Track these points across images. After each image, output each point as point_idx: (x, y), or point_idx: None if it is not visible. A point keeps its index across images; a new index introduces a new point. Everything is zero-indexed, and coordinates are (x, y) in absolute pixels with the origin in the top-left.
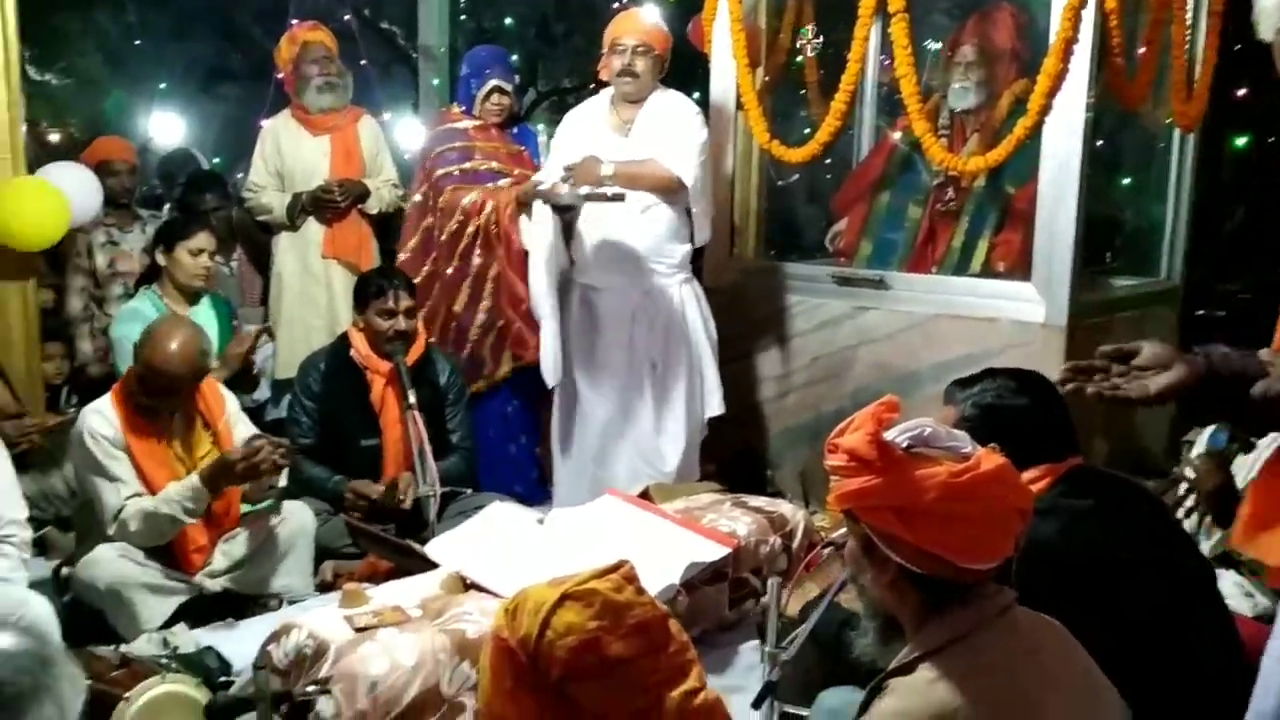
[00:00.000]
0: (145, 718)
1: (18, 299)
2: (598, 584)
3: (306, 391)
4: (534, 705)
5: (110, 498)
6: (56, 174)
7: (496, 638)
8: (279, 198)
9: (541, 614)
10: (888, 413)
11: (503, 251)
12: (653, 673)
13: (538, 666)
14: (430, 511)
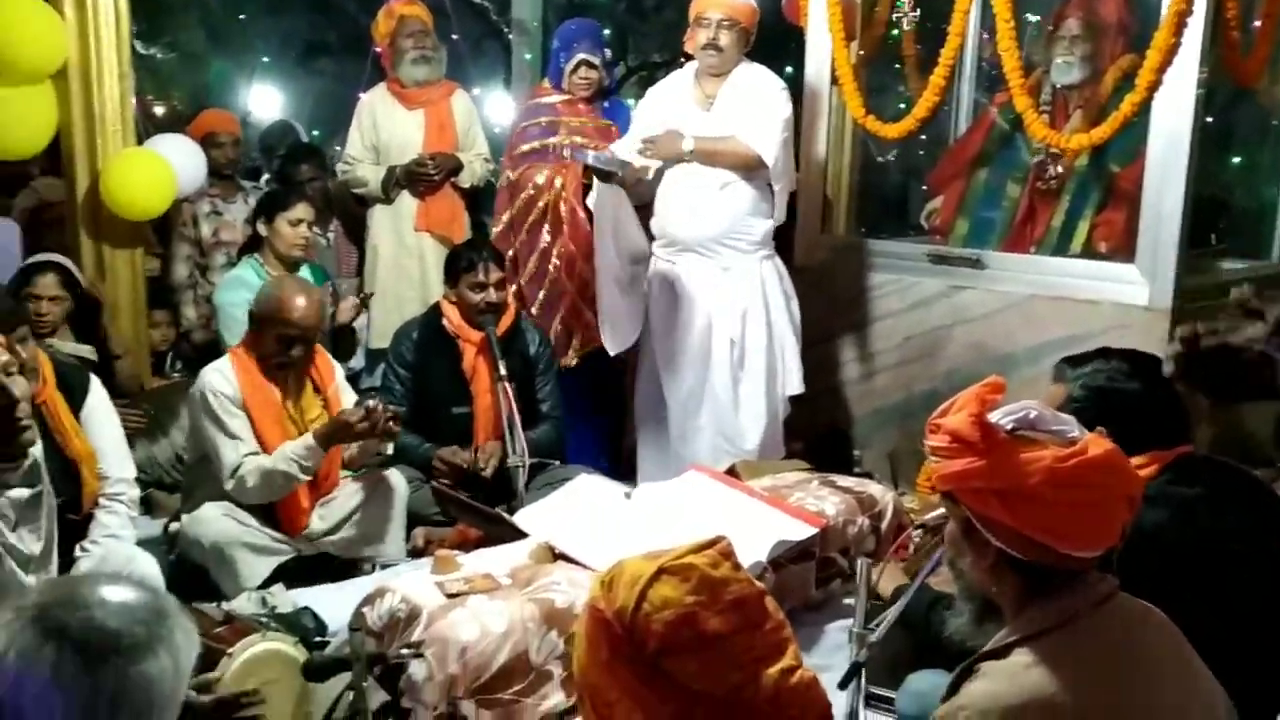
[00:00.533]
0: (246, 672)
1: (126, 267)
2: (694, 559)
3: (400, 360)
4: (630, 677)
5: (228, 454)
6: (163, 145)
7: (593, 608)
8: (374, 171)
9: (638, 587)
10: (992, 394)
11: (569, 231)
12: (749, 649)
13: (634, 639)
14: (519, 481)
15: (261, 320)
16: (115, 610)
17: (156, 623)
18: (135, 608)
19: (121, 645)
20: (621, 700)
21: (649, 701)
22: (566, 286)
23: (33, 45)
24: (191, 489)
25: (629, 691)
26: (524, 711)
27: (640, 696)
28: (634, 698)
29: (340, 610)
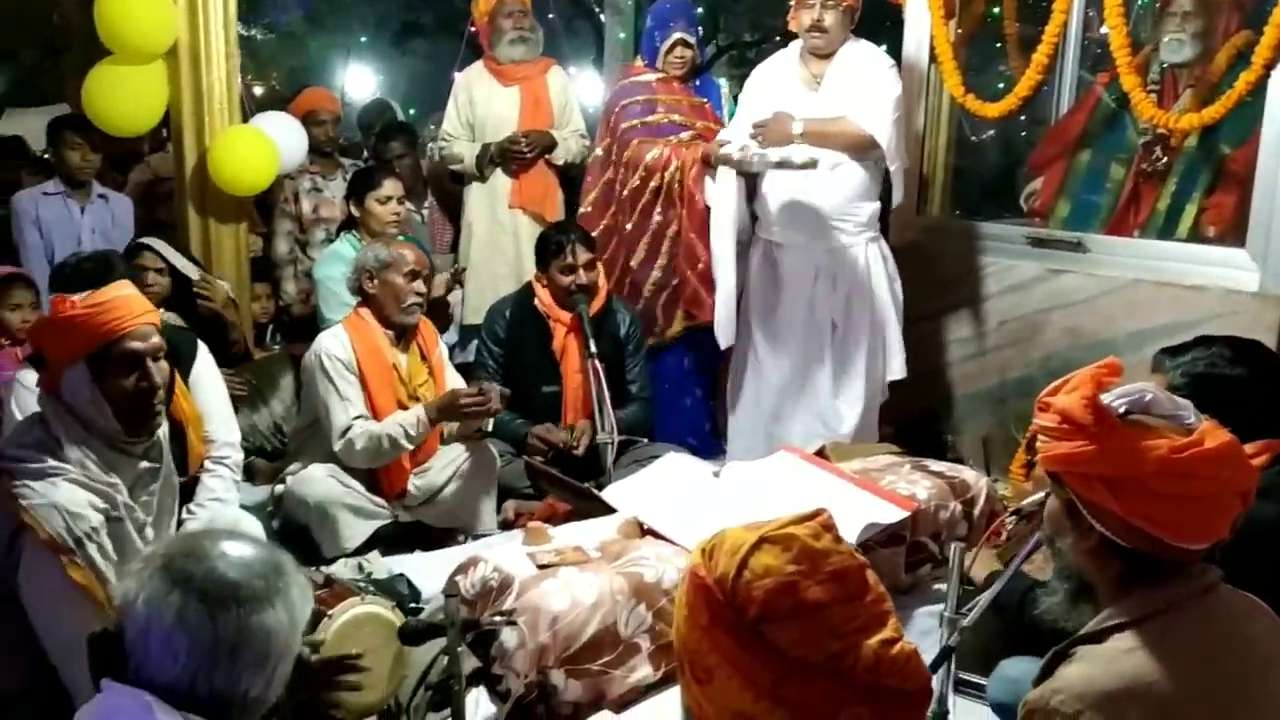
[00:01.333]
0: (345, 633)
1: (231, 241)
2: (796, 529)
3: (493, 337)
4: (729, 642)
5: (339, 415)
6: (267, 123)
7: (693, 575)
8: (469, 148)
9: (739, 555)
10: (1108, 375)
11: (684, 210)
12: (849, 619)
13: (734, 606)
14: (607, 458)
15: (382, 268)
16: (236, 563)
17: (275, 577)
18: (254, 562)
19: (241, 596)
20: (720, 666)
21: (747, 667)
22: (680, 263)
23: (145, 26)
24: (298, 452)
25: (728, 657)
26: (612, 683)
27: (739, 662)
28: (732, 663)
29: (433, 578)
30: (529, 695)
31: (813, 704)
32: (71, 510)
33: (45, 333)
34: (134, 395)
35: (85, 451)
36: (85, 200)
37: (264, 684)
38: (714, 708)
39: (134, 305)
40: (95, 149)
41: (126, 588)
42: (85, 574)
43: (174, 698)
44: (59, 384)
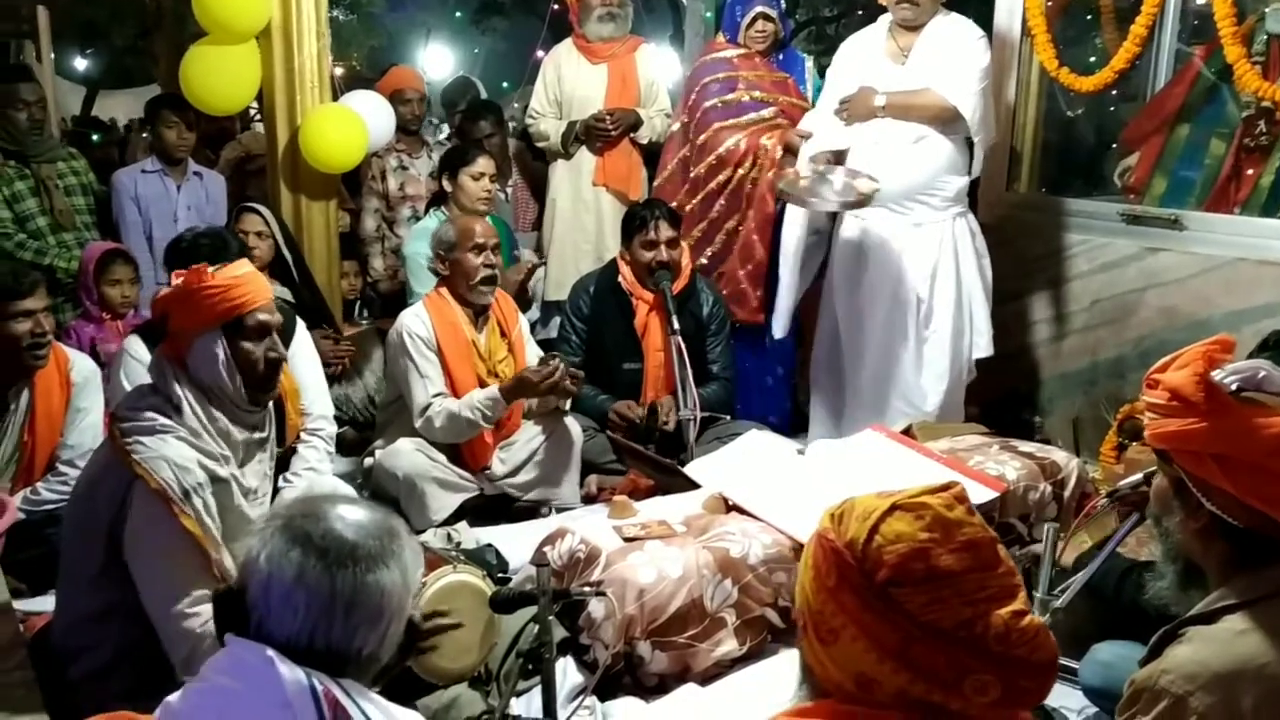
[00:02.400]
0: (438, 600)
1: (321, 218)
2: (929, 499)
3: (577, 313)
4: (856, 604)
5: (419, 393)
6: (356, 102)
7: (821, 538)
8: (555, 125)
9: (871, 520)
10: (1220, 352)
11: (750, 210)
12: (980, 589)
13: (864, 569)
14: (690, 434)
15: (450, 249)
16: (352, 525)
17: (389, 539)
18: (369, 525)
19: (358, 555)
20: (846, 627)
21: (874, 629)
22: (734, 265)
23: (240, 7)
24: (386, 426)
25: (854, 618)
26: (697, 656)
27: (865, 624)
28: (859, 624)
29: (519, 549)
30: (616, 665)
31: (939, 668)
32: (179, 464)
33: (178, 302)
34: (264, 363)
35: (201, 418)
36: (181, 178)
37: (377, 641)
38: (837, 668)
39: (260, 281)
40: (191, 127)
41: (249, 546)
42: (193, 523)
43: (293, 652)
44: (185, 352)
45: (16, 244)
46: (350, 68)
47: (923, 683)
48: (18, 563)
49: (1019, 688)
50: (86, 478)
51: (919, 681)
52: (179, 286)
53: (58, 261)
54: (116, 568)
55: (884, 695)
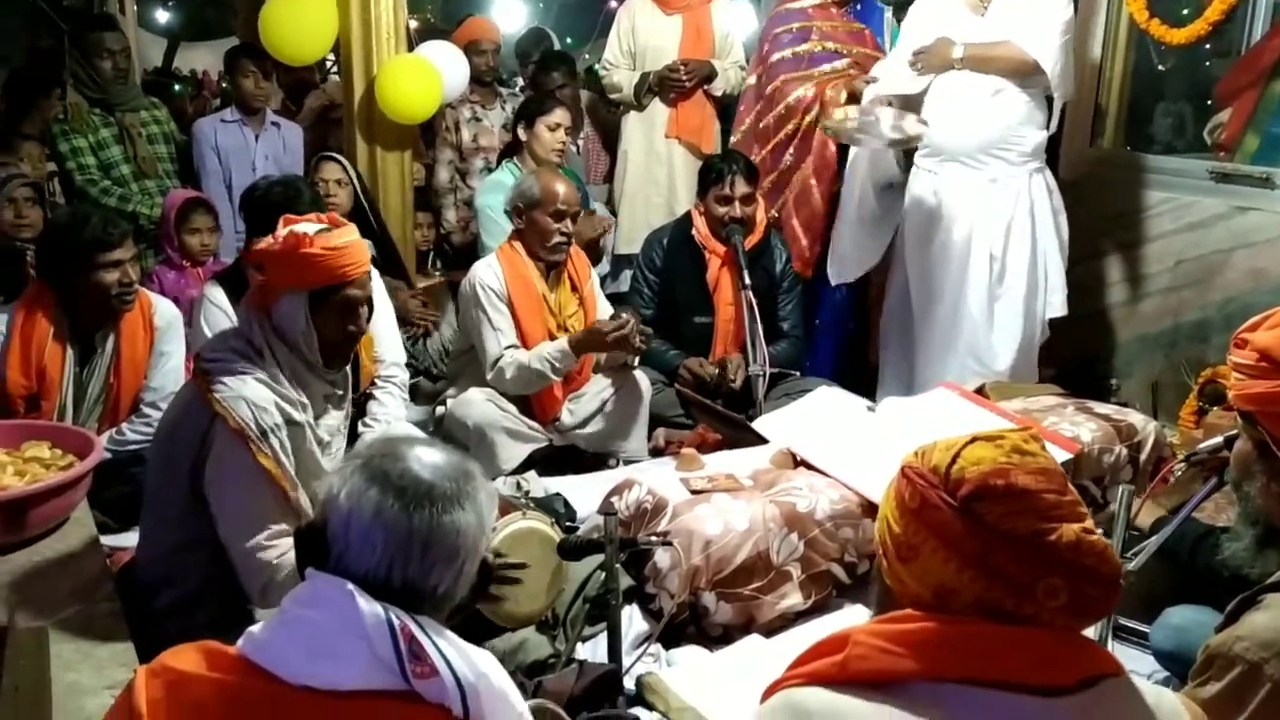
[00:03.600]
0: (508, 545)
1: (396, 169)
2: (1007, 432)
3: (650, 265)
4: (938, 519)
5: (491, 345)
6: (431, 52)
7: (905, 470)
8: (629, 76)
9: (954, 449)
10: None
11: (814, 160)
12: (1054, 507)
13: (947, 487)
14: (759, 390)
15: (530, 206)
16: (429, 465)
17: (464, 480)
18: (445, 466)
19: (434, 495)
20: (926, 542)
21: (954, 540)
22: (791, 214)
23: None
24: (458, 375)
25: (935, 533)
26: (762, 608)
27: (946, 535)
28: (940, 536)
29: (587, 499)
30: (681, 615)
31: (1014, 573)
32: (258, 404)
33: (273, 259)
34: (343, 339)
35: (281, 365)
36: (259, 127)
37: (452, 580)
38: (916, 581)
39: (361, 254)
40: (268, 77)
41: (330, 483)
42: (270, 461)
43: (371, 587)
44: (271, 305)
45: (101, 190)
46: (425, 19)
47: (999, 588)
48: (104, 500)
49: (1086, 595)
50: (170, 417)
51: (995, 587)
52: (280, 244)
53: (140, 208)
54: (199, 503)
55: (960, 604)
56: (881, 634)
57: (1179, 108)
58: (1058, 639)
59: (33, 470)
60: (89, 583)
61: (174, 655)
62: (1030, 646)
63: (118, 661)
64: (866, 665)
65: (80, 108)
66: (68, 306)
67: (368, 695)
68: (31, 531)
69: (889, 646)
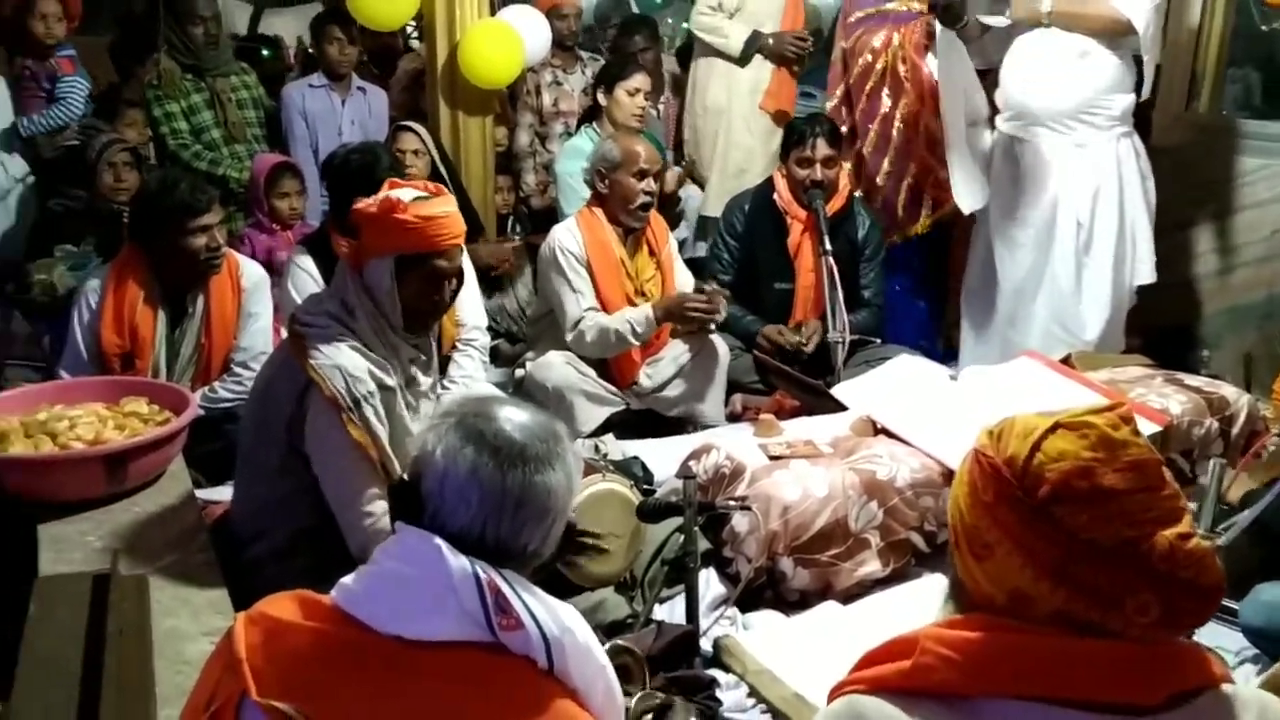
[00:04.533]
0: (588, 506)
1: (478, 133)
2: (1093, 418)
3: (730, 230)
4: (1014, 520)
5: (571, 307)
6: (514, 16)
7: (979, 454)
8: (738, 30)
9: (1032, 438)
10: None
11: (912, 89)
12: (1145, 509)
13: (1023, 485)
14: (838, 357)
15: (612, 169)
16: (521, 425)
17: (554, 441)
18: (535, 426)
19: (527, 455)
20: (1001, 542)
21: (1032, 545)
22: (915, 147)
23: None
24: (537, 339)
25: (1011, 534)
26: (840, 575)
27: (1022, 540)
28: (1015, 540)
29: (665, 463)
30: (758, 579)
31: (1100, 586)
32: (352, 373)
33: (368, 221)
34: (426, 307)
35: (373, 327)
36: (346, 93)
37: (541, 539)
38: (989, 583)
39: (454, 225)
40: (353, 42)
41: (425, 439)
42: (361, 433)
43: (462, 544)
44: (363, 265)
45: (193, 154)
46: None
47: (1082, 601)
48: (196, 456)
49: (1181, 609)
50: (265, 375)
51: (1077, 599)
52: (375, 207)
53: (230, 172)
54: (294, 459)
55: (1039, 612)
56: (950, 642)
57: None
58: (1145, 652)
59: (131, 425)
60: (185, 533)
61: (271, 603)
62: (1114, 661)
63: (213, 609)
64: (933, 677)
65: (173, 73)
66: (158, 269)
67: (456, 646)
68: (131, 483)
69: (956, 657)
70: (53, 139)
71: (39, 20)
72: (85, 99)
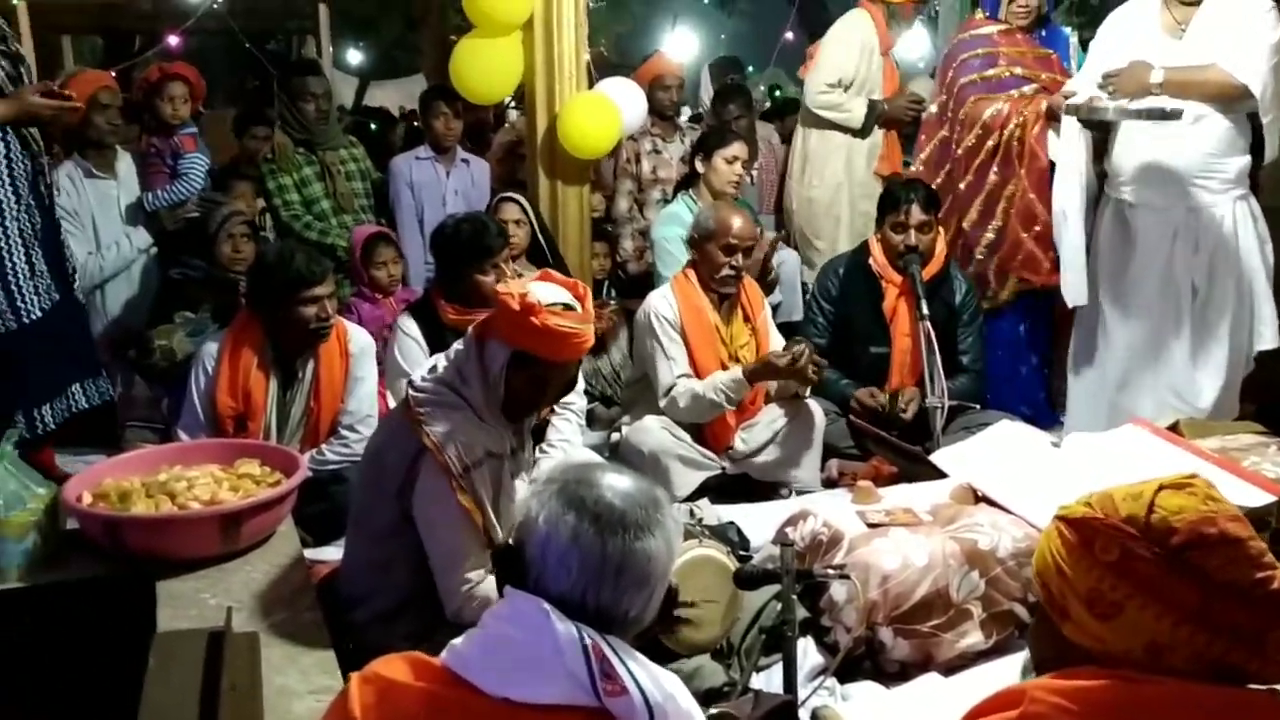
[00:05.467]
0: (684, 572)
1: (575, 202)
2: (1190, 479)
3: (824, 294)
4: (1148, 572)
5: (665, 373)
6: (611, 89)
7: (1086, 521)
8: (858, 104)
9: (1145, 498)
10: None
11: (1023, 169)
12: (1262, 554)
13: (1150, 538)
14: (936, 423)
15: (704, 239)
16: (621, 492)
17: (654, 509)
18: (636, 493)
19: (627, 522)
20: (1132, 598)
21: (1170, 594)
22: (1017, 230)
23: (507, 1)
24: (632, 403)
25: (1145, 586)
26: (941, 646)
27: (1159, 590)
28: (1150, 591)
29: (760, 529)
30: (857, 649)
31: (1240, 625)
32: (464, 441)
33: (507, 312)
34: (525, 401)
35: (485, 398)
36: (450, 164)
37: (642, 605)
38: (1120, 640)
39: (582, 345)
40: (458, 116)
41: (528, 505)
42: (469, 499)
43: (566, 608)
44: (486, 341)
45: (304, 225)
46: (598, 53)
47: (1223, 642)
48: (303, 516)
49: None
50: (378, 440)
51: (1218, 641)
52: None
53: (338, 241)
54: (404, 523)
55: (1176, 660)
56: (1063, 692)
57: None
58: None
59: (245, 486)
60: (294, 592)
61: (384, 664)
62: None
63: (321, 668)
64: None
65: (286, 147)
66: (272, 335)
67: (563, 710)
68: (244, 543)
69: (1072, 707)
70: (174, 212)
71: (166, 102)
72: (205, 174)
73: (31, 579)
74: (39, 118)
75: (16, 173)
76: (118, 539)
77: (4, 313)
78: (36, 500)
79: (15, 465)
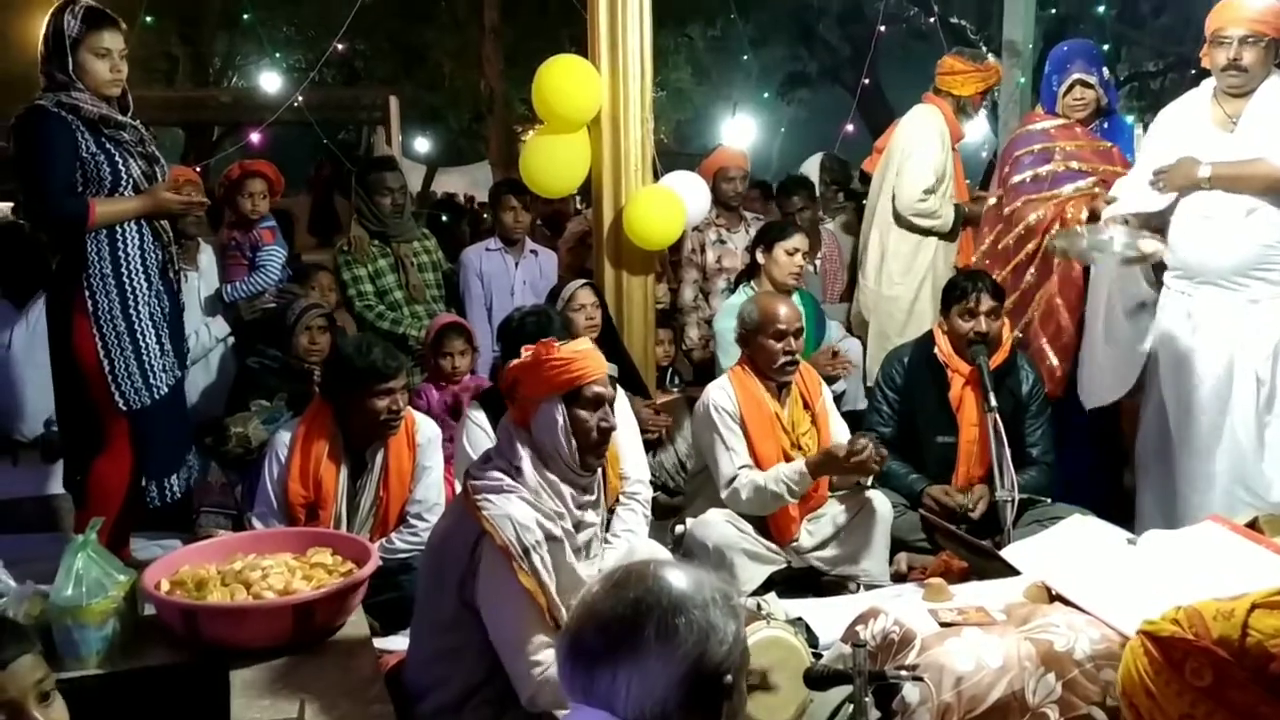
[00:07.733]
0: (755, 652)
1: (640, 291)
2: None
3: (889, 383)
4: (1246, 699)
5: (725, 465)
6: (676, 182)
7: (1174, 641)
8: (948, 209)
9: (1236, 619)
10: None
11: (1059, 279)
12: None
13: (1244, 664)
14: (1007, 517)
15: (753, 332)
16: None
17: (723, 602)
18: (704, 586)
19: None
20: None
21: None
22: (1037, 335)
23: (576, 99)
24: (695, 495)
25: (1242, 713)
26: None
27: (1259, 715)
28: (1246, 715)
29: (828, 624)
30: None
31: None
32: (522, 523)
33: (527, 371)
34: (597, 431)
35: (538, 478)
36: (519, 255)
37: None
38: None
39: (599, 359)
40: (527, 209)
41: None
42: (531, 580)
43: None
44: (530, 417)
45: (377, 315)
46: (658, 141)
47: None
48: (373, 605)
49: None
50: (441, 529)
51: None
52: (528, 357)
53: (410, 330)
54: (467, 612)
55: None
56: None
57: None
58: None
59: (318, 575)
60: (362, 682)
61: None
62: None
63: None
64: None
65: (362, 240)
66: (344, 425)
67: None
68: (317, 632)
69: None
70: (251, 303)
71: (247, 198)
72: (283, 266)
73: (110, 665)
74: (170, 212)
75: (149, 261)
76: (194, 627)
77: (140, 390)
78: (118, 588)
79: (98, 553)
